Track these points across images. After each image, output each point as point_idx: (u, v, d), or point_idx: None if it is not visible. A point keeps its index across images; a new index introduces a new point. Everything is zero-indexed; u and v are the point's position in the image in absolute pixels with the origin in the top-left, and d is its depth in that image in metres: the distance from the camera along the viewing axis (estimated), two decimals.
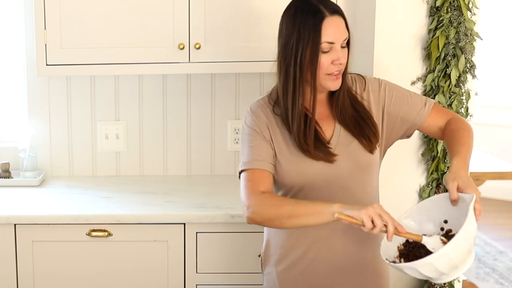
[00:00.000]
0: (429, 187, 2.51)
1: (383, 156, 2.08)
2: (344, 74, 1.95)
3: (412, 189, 2.54)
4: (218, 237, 2.55)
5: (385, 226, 1.71)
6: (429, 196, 2.50)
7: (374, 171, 2.03)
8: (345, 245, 2.01)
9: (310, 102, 1.92)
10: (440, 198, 1.85)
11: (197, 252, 2.56)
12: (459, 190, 1.80)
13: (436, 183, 2.50)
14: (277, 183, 2.02)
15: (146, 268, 2.56)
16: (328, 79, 1.91)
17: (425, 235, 1.79)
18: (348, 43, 1.92)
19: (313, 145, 1.93)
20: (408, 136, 2.10)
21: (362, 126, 1.98)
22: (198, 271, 2.57)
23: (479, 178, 4.00)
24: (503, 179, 4.25)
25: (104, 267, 2.56)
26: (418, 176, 2.54)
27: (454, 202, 1.80)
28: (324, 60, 1.87)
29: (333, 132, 1.99)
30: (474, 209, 1.73)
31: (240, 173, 1.98)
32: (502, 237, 5.30)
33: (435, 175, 2.49)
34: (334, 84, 1.92)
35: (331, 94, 1.99)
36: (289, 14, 1.91)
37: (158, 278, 2.57)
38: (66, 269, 2.56)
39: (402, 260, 1.80)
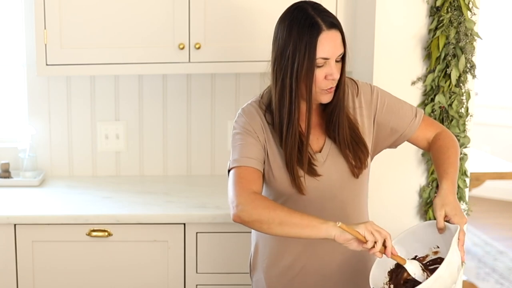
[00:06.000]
0: (429, 187, 2.51)
1: (370, 162, 2.06)
2: (338, 89, 1.90)
3: (412, 189, 2.54)
4: (218, 237, 2.55)
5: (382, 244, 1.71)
6: (429, 196, 2.50)
7: (364, 181, 2.02)
8: (335, 253, 1.99)
9: (305, 122, 1.89)
10: (429, 225, 1.87)
11: (197, 252, 2.56)
12: (446, 217, 1.81)
13: (436, 183, 2.50)
14: (266, 188, 1.99)
15: (146, 268, 2.56)
16: (321, 92, 1.87)
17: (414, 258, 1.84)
18: (343, 58, 1.87)
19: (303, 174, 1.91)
20: (395, 146, 2.08)
21: (355, 150, 1.95)
22: (198, 271, 2.58)
23: (479, 178, 4.00)
24: (503, 179, 4.25)
25: (104, 267, 2.56)
26: (418, 176, 2.54)
27: (440, 230, 1.81)
28: (318, 74, 1.83)
29: (324, 143, 1.96)
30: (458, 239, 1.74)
31: (229, 171, 1.91)
32: (502, 237, 5.30)
33: (435, 175, 2.49)
34: (326, 98, 1.89)
35: (325, 105, 1.95)
36: (285, 23, 1.85)
37: (158, 278, 2.57)
38: (66, 269, 2.56)
39: (391, 285, 1.82)
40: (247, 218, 1.79)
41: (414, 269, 1.76)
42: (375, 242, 1.69)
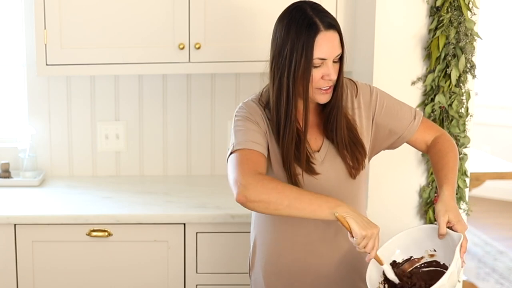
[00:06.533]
0: (429, 187, 2.51)
1: (368, 162, 2.06)
2: (336, 89, 1.90)
3: (412, 189, 2.54)
4: (218, 237, 2.55)
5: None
6: (429, 196, 2.50)
7: (362, 181, 2.02)
8: (334, 253, 1.99)
9: (302, 121, 1.89)
10: (428, 228, 1.87)
11: (197, 252, 2.56)
12: (449, 224, 1.82)
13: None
14: None
15: (146, 268, 2.56)
16: (318, 92, 1.87)
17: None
18: (341, 59, 1.87)
19: (300, 172, 1.91)
20: (394, 148, 2.08)
21: (353, 151, 1.95)
22: (198, 271, 2.58)
23: (479, 178, 4.00)
24: (503, 179, 4.26)
25: (104, 267, 2.56)
26: (418, 176, 2.54)
27: (441, 236, 1.82)
28: (315, 74, 1.83)
29: (322, 143, 1.96)
30: (461, 246, 1.75)
31: (230, 155, 1.86)
32: (503, 237, 5.30)
33: None
34: (323, 98, 1.89)
35: (323, 105, 1.95)
36: (283, 22, 1.86)
37: (158, 278, 2.57)
38: (66, 269, 2.56)
39: (386, 285, 1.83)
40: (254, 198, 1.74)
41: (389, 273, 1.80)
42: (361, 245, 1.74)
